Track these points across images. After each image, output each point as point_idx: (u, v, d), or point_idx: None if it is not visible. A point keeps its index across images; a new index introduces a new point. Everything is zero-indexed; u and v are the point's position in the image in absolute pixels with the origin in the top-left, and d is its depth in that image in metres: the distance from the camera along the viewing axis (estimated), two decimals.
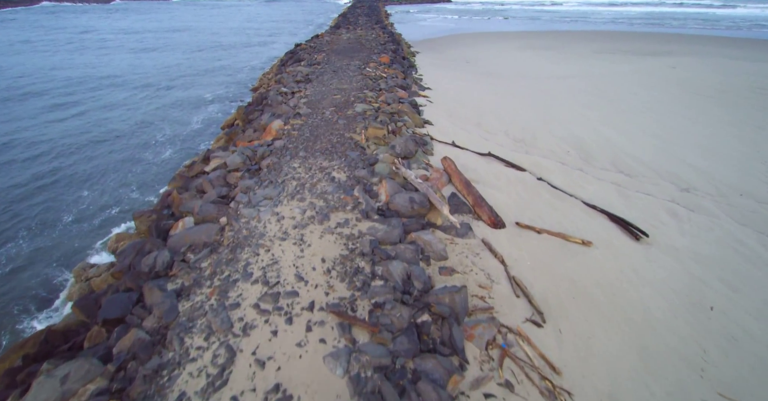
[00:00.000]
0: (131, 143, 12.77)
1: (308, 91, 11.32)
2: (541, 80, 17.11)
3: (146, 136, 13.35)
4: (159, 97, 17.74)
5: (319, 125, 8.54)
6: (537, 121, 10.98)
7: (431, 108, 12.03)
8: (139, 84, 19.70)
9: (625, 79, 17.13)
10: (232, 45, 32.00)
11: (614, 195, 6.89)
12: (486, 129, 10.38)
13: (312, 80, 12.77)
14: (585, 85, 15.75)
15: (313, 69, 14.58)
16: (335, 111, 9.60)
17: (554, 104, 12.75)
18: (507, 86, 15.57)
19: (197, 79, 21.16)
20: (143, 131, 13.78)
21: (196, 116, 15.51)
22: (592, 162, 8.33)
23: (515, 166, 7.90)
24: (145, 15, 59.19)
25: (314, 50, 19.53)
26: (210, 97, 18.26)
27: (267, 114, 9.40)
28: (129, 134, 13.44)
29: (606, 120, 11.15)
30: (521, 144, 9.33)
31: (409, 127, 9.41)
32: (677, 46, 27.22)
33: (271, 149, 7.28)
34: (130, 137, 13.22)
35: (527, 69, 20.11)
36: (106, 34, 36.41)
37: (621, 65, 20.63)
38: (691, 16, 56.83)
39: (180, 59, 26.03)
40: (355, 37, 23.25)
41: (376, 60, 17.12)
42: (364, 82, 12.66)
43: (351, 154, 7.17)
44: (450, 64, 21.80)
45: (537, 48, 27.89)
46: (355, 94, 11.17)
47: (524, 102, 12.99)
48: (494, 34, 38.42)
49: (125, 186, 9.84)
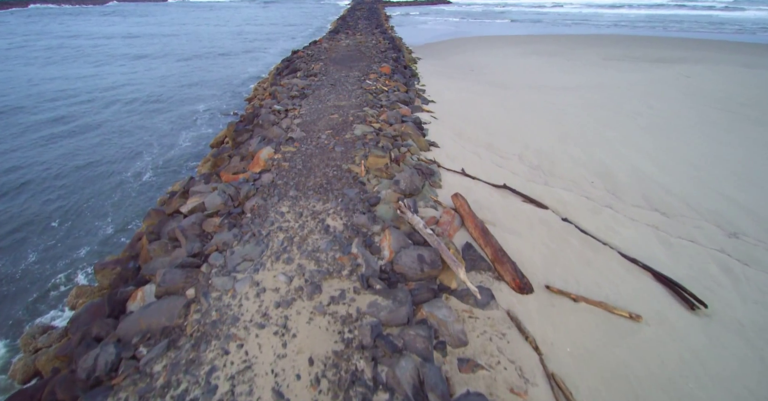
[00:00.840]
0: (113, 164, 11.83)
1: (303, 109, 10.39)
2: (550, 91, 16.19)
3: (131, 156, 12.40)
4: (150, 111, 16.79)
5: (314, 154, 7.61)
6: (553, 141, 10.06)
7: (436, 125, 11.11)
8: (130, 97, 18.74)
9: (638, 90, 16.23)
10: (228, 51, 31.04)
11: (654, 242, 5.96)
12: (497, 152, 9.45)
13: (308, 95, 11.84)
14: (598, 98, 14.83)
15: (310, 81, 13.66)
16: (332, 134, 8.67)
17: (568, 121, 11.83)
18: (515, 99, 14.65)
19: (191, 89, 20.21)
20: (128, 150, 12.83)
21: (186, 132, 14.57)
22: (621, 195, 7.40)
23: (536, 202, 6.97)
24: (139, 18, 58.00)
25: (311, 59, 18.61)
26: (203, 109, 17.33)
27: (256, 138, 8.47)
28: (112, 154, 12.49)
29: (627, 141, 10.22)
30: (538, 172, 8.40)
31: (413, 153, 8.48)
32: (687, 52, 26.35)
33: (257, 186, 6.34)
34: (113, 157, 12.27)
35: (535, 78, 19.20)
36: (98, 40, 35.29)
37: (632, 74, 19.73)
38: (695, 18, 56.05)
39: (174, 67, 25.10)
40: (354, 44, 22.35)
41: (377, 70, 16.21)
42: (363, 98, 11.73)
43: (349, 193, 6.23)
44: (453, 73, 20.89)
45: (543, 54, 27.00)
46: (354, 112, 10.25)
47: (536, 118, 12.06)
48: (497, 38, 37.57)
49: (101, 218, 8.89)
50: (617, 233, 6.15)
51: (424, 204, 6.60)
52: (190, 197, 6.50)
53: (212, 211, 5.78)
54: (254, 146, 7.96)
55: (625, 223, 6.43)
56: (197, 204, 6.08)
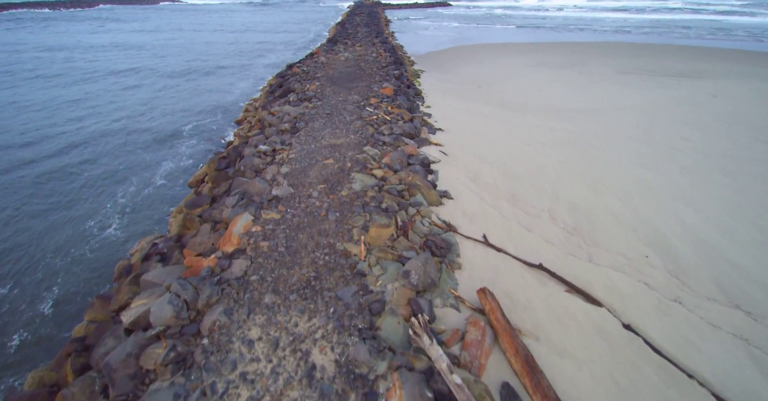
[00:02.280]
0: (78, 207, 10.35)
1: (293, 151, 8.90)
2: (568, 115, 14.73)
3: (100, 197, 10.92)
4: (131, 136, 15.27)
5: (301, 224, 6.11)
6: (585, 189, 8.57)
7: (447, 166, 9.64)
8: (111, 118, 17.20)
9: (665, 114, 14.76)
10: (220, 63, 29.33)
11: (749, 367, 4.47)
12: (523, 206, 7.96)
13: (300, 129, 10.36)
14: (623, 125, 13.36)
15: (303, 109, 12.18)
16: (325, 190, 7.18)
17: (597, 158, 10.36)
18: (532, 126, 13.18)
19: (178, 108, 18.64)
20: (99, 189, 11.35)
21: (167, 162, 13.10)
22: (687, 279, 5.91)
23: (584, 293, 5.47)
24: (126, 24, 54.72)
25: (306, 76, 17.14)
26: (189, 130, 15.87)
27: (234, 196, 6.98)
28: (80, 194, 11.00)
29: (672, 188, 8.74)
30: (577, 238, 6.91)
31: (424, 215, 6.99)
32: (706, 65, 24.92)
33: (223, 285, 4.84)
34: (79, 199, 10.78)
35: (548, 98, 17.73)
36: (79, 52, 32.62)
37: (653, 92, 18.28)
38: (703, 24, 54.70)
39: (161, 83, 23.49)
40: (353, 58, 20.90)
41: (378, 92, 14.75)
42: (363, 132, 10.26)
43: (344, 295, 4.73)
44: (460, 89, 19.44)
45: (552, 66, 25.57)
46: (353, 154, 8.77)
47: (560, 154, 10.59)
48: (500, 46, 36.14)
49: (46, 286, 7.39)
50: (699, 350, 4.65)
51: (442, 303, 5.10)
52: (139, 294, 5.00)
53: (158, 331, 4.28)
54: (229, 211, 6.46)
55: (705, 332, 4.94)
56: (141, 313, 4.58)
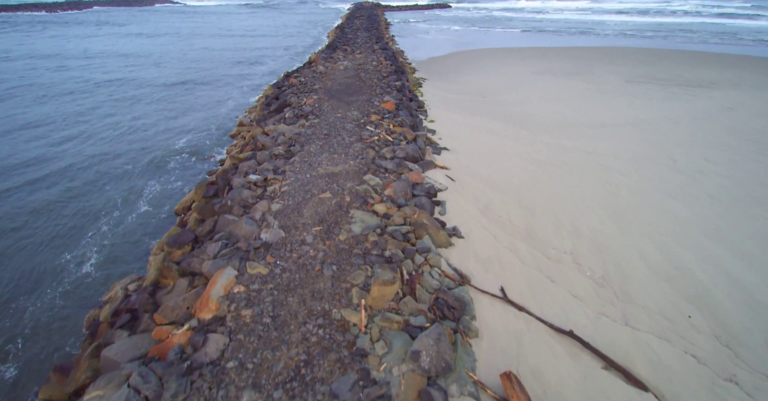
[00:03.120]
0: (55, 241, 9.49)
1: (286, 182, 8.07)
2: (580, 132, 13.93)
3: (81, 227, 10.05)
4: (118, 155, 14.32)
5: (292, 283, 5.27)
6: (609, 224, 7.75)
7: (455, 195, 8.82)
8: (98, 138, 16.24)
9: (683, 130, 13.96)
10: (216, 72, 28.13)
11: None
12: (542, 247, 7.14)
13: (295, 153, 9.54)
14: (640, 143, 12.54)
15: (299, 128, 11.35)
16: (321, 234, 6.36)
17: (618, 184, 9.54)
18: (543, 145, 12.37)
19: (171, 121, 17.68)
20: (81, 216, 10.49)
21: (154, 183, 12.26)
22: (740, 350, 5.09)
23: (625, 371, 4.64)
24: (122, 27, 52.30)
25: (304, 88, 16.33)
26: (181, 146, 14.99)
27: (217, 243, 6.15)
28: (59, 223, 10.14)
29: (704, 222, 7.93)
30: (608, 290, 6.08)
31: (433, 265, 6.17)
32: (717, 72, 24.15)
33: (191, 381, 3.99)
34: (58, 230, 9.91)
35: (557, 109, 16.94)
36: (73, 61, 30.77)
37: (666, 104, 17.49)
38: (706, 27, 53.98)
39: (156, 95, 22.23)
40: (353, 67, 20.10)
41: (379, 106, 13.94)
42: (363, 156, 9.44)
43: (340, 390, 3.89)
44: (464, 101, 18.63)
45: (558, 74, 24.79)
46: (352, 186, 7.95)
47: (576, 179, 9.78)
48: (503, 51, 35.36)
49: (9, 348, 6.55)
50: None
51: (459, 390, 4.27)
52: (95, 382, 4.17)
53: None
54: (210, 264, 5.62)
55: None
56: None
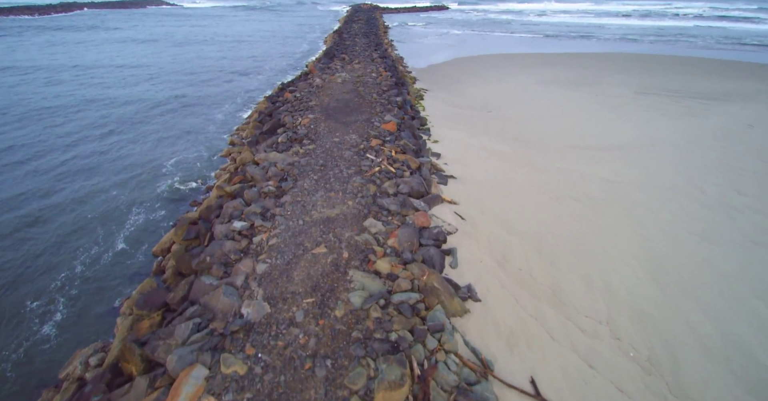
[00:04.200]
0: (18, 286, 8.47)
1: (276, 231, 7.08)
2: (596, 155, 12.97)
3: (50, 268, 9.05)
4: (101, 180, 13.27)
5: (275, 391, 4.26)
6: (648, 284, 6.78)
7: (467, 239, 7.85)
8: (83, 162, 14.98)
9: (707, 154, 13.02)
10: (210, 84, 25.83)
11: None
12: (574, 316, 6.16)
13: (287, 191, 8.53)
14: (665, 171, 11.55)
15: (293, 156, 10.35)
16: (313, 308, 5.36)
17: (648, 226, 8.56)
18: (559, 172, 11.41)
19: (162, 143, 16.27)
20: (52, 254, 9.47)
21: (137, 211, 11.29)
22: None
23: None
24: (112, 33, 49.93)
25: (300, 105, 15.32)
26: (168, 170, 13.93)
27: (187, 323, 5.14)
28: (23, 263, 9.12)
29: (754, 281, 6.96)
30: (658, 379, 5.10)
31: (449, 350, 5.18)
32: (729, 83, 23.27)
33: None
34: (21, 271, 8.90)
35: (568, 127, 15.98)
36: (63, 73, 27.89)
37: (683, 120, 16.57)
38: (708, 32, 53.25)
39: (145, 114, 20.35)
40: (352, 79, 19.10)
41: (379, 127, 12.96)
42: (363, 193, 8.46)
43: None
44: (469, 116, 17.67)
45: (564, 84, 23.86)
46: (351, 235, 6.96)
47: (602, 219, 8.80)
48: (504, 58, 34.41)
49: None
50: None
51: None
52: None
53: None
54: (177, 358, 4.61)
55: None
56: None
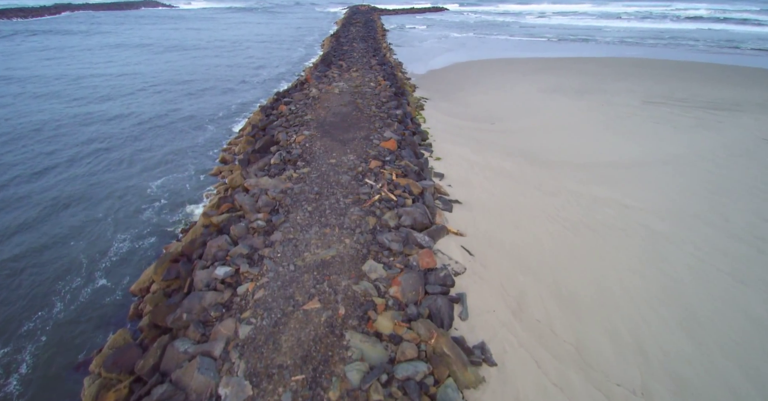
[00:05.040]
0: None
1: (263, 279, 6.32)
2: (608, 174, 12.26)
3: (27, 307, 8.24)
4: (84, 206, 12.42)
5: None
6: (684, 344, 6.02)
7: (477, 282, 7.11)
8: (65, 185, 14.13)
9: (725, 173, 12.31)
10: (202, 96, 23.51)
11: None
12: (603, 384, 5.40)
13: (277, 226, 7.77)
14: (684, 195, 10.82)
15: (286, 182, 9.59)
16: (303, 386, 4.61)
17: (680, 267, 7.80)
18: (571, 195, 10.69)
19: (150, 163, 15.10)
20: (32, 292, 8.65)
21: (121, 240, 10.47)
22: None
23: None
24: (104, 37, 46.35)
25: (295, 119, 14.56)
26: (154, 193, 13.00)
27: None
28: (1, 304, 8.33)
29: None
30: None
31: None
32: (738, 91, 22.63)
33: None
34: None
35: (576, 141, 15.26)
36: (48, 85, 25.43)
37: (695, 133, 15.90)
38: (709, 35, 52.79)
39: (130, 132, 18.75)
40: (349, 90, 18.35)
41: (378, 145, 12.22)
42: (362, 227, 7.71)
43: None
44: (471, 129, 16.95)
45: (568, 92, 23.18)
46: (348, 284, 6.22)
47: (624, 255, 8.06)
48: (505, 62, 33.73)
49: None
50: None
51: None
52: None
53: None
54: None
55: None
56: None
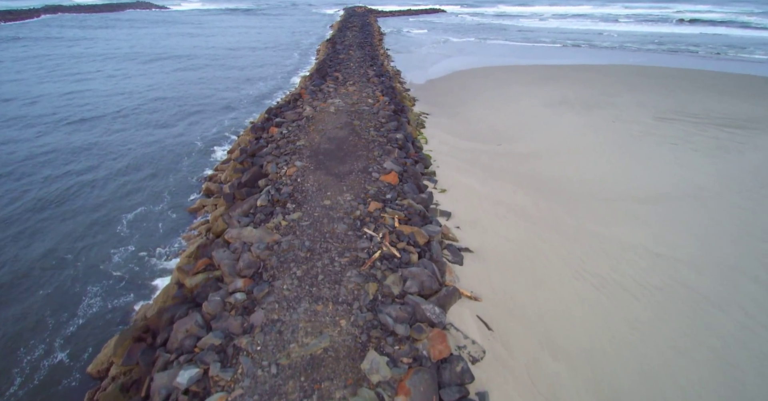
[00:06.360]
0: None
1: (238, 390, 5.10)
2: (633, 210, 11.15)
3: None
4: (50, 250, 11.23)
5: None
6: None
7: (501, 376, 5.94)
8: (27, 221, 13.00)
9: (759, 209, 11.22)
10: (186, 109, 23.30)
11: None
12: None
13: (260, 300, 6.55)
14: (719, 241, 9.72)
15: (273, 233, 8.37)
16: None
17: (734, 346, 6.69)
18: (594, 239, 9.56)
19: (125, 191, 13.94)
20: None
21: (92, 293, 9.34)
22: None
23: None
24: (89, 46, 41.71)
25: (286, 145, 13.33)
26: (123, 232, 11.83)
27: None
28: None
29: None
30: None
31: None
32: (751, 105, 21.64)
33: None
34: None
35: (591, 168, 14.09)
36: (24, 106, 22.00)
37: (716, 158, 14.83)
38: (710, 39, 52.06)
39: (104, 162, 18.75)
40: (346, 108, 17.13)
41: (378, 179, 11.04)
42: (362, 302, 6.52)
43: None
44: (477, 152, 15.79)
45: (575, 106, 22.10)
46: (343, 395, 5.01)
47: (666, 325, 6.94)
48: (506, 70, 32.65)
49: None
50: None
51: None
52: None
53: None
54: None
55: None
56: None
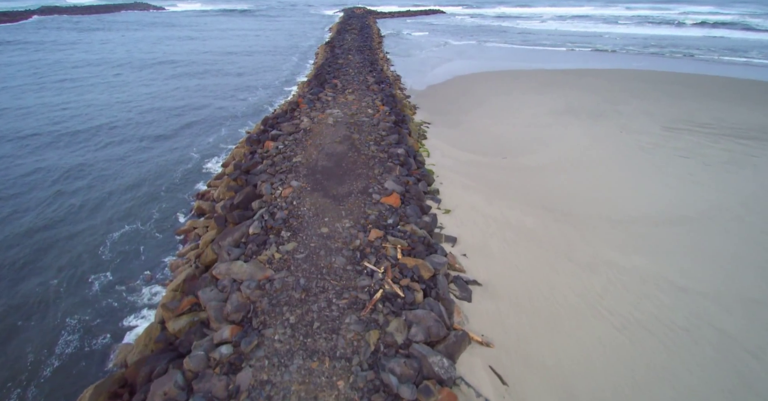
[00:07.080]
0: None
1: None
2: (650, 234, 10.53)
3: None
4: (30, 275, 10.52)
5: None
6: None
7: None
8: (10, 247, 12.32)
9: None
10: (182, 124, 21.90)
11: None
12: None
13: (248, 356, 5.85)
14: (740, 269, 9.11)
15: (266, 268, 7.69)
16: None
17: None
18: (612, 270, 8.92)
19: (111, 212, 13.32)
20: None
21: (71, 326, 8.70)
22: None
23: None
24: (56, 52, 38.30)
25: (282, 162, 12.65)
26: (106, 259, 11.12)
27: None
28: None
29: None
30: None
31: None
32: (760, 113, 21.08)
33: None
34: None
35: (602, 185, 13.45)
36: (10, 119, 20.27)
37: (729, 173, 14.22)
38: (711, 42, 51.62)
39: (105, 164, 17.82)
40: (345, 120, 16.47)
41: (379, 201, 10.38)
42: (362, 356, 5.85)
43: None
44: (482, 167, 15.15)
45: (581, 114, 21.50)
46: None
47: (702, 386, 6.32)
48: (508, 75, 32.05)
49: None
50: None
51: None
52: None
53: None
54: None
55: None
56: None
